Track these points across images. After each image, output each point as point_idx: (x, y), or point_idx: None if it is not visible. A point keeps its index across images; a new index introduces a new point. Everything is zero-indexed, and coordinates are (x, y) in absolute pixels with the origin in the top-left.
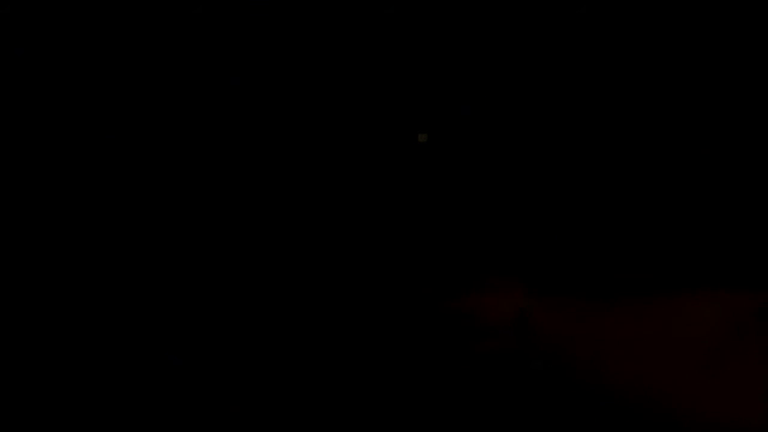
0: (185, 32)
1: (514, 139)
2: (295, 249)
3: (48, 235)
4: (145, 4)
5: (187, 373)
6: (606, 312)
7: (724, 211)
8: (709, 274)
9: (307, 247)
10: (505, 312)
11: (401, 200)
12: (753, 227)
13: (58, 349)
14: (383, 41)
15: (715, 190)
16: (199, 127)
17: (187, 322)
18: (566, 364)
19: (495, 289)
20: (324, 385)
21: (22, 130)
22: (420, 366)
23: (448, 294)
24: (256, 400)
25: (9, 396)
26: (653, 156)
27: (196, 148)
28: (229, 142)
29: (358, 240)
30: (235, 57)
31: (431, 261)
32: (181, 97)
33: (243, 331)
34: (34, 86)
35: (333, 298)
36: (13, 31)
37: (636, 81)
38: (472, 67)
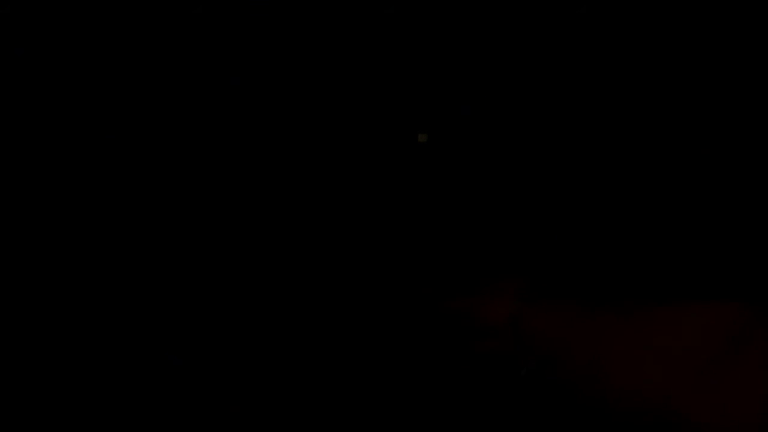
0: (185, 32)
1: (514, 140)
2: (294, 249)
3: (48, 235)
4: (145, 4)
5: (187, 373)
6: (604, 318)
7: (723, 218)
8: (709, 283)
9: (307, 247)
10: (504, 313)
11: (401, 200)
12: (752, 235)
13: (58, 349)
14: (383, 41)
15: (715, 195)
16: (199, 127)
17: (187, 322)
18: (561, 368)
19: (494, 290)
20: (324, 385)
21: (22, 130)
22: (419, 365)
23: (448, 294)
24: (256, 400)
25: (9, 396)
26: (653, 157)
27: (196, 148)
28: (228, 142)
29: (358, 240)
30: (235, 57)
31: (430, 261)
32: (181, 97)
33: (243, 331)
34: (34, 86)
35: (333, 298)
36: (13, 31)
37: (636, 81)
38: (472, 67)
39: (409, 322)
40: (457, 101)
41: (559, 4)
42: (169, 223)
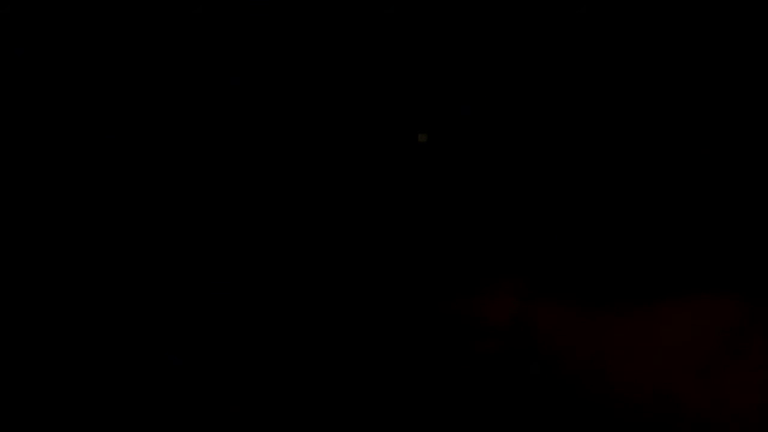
0: (185, 32)
1: (513, 140)
2: (295, 250)
3: (48, 235)
4: (145, 4)
5: (187, 373)
6: (605, 316)
7: (721, 215)
8: (707, 278)
9: (308, 248)
10: (505, 313)
11: (402, 201)
12: (750, 231)
13: (58, 349)
14: (383, 41)
15: (714, 194)
16: (199, 127)
17: (187, 322)
18: (564, 366)
19: (495, 290)
20: (324, 385)
21: (23, 130)
22: (422, 365)
23: (450, 295)
24: (256, 400)
25: (9, 396)
26: (653, 156)
27: (197, 148)
28: (229, 142)
29: (359, 241)
30: (235, 57)
31: (431, 262)
32: (182, 97)
33: (243, 332)
34: (34, 86)
35: (335, 300)
36: (13, 31)
37: (636, 81)
38: (472, 67)
39: (411, 323)
40: (457, 101)
41: (559, 4)
42: (169, 223)
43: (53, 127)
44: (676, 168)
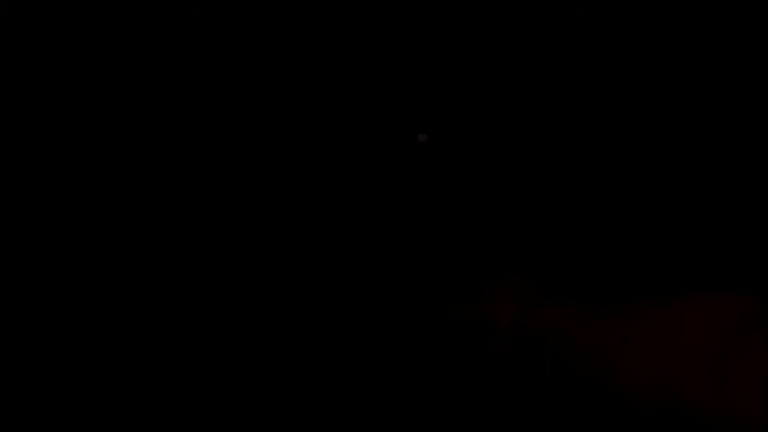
0: (185, 32)
1: (514, 141)
2: (295, 251)
3: (48, 235)
4: (145, 4)
5: (186, 373)
6: (609, 316)
7: (725, 214)
8: (714, 277)
9: (308, 249)
10: (509, 315)
11: (402, 201)
12: (755, 229)
13: (58, 349)
14: (383, 41)
15: (717, 192)
16: (198, 127)
17: (187, 322)
18: (570, 367)
19: (498, 292)
20: (326, 387)
21: (23, 130)
22: (427, 368)
23: (454, 297)
24: (256, 401)
25: (9, 396)
26: (654, 155)
27: (196, 148)
28: (228, 143)
29: (359, 243)
30: (235, 57)
31: (433, 264)
32: (181, 97)
33: (243, 333)
34: (34, 86)
35: (335, 303)
36: (13, 31)
37: (636, 81)
38: (472, 67)
39: (416, 325)
40: (457, 101)
41: (559, 4)
42: (169, 223)
43: (53, 127)
44: (678, 167)
